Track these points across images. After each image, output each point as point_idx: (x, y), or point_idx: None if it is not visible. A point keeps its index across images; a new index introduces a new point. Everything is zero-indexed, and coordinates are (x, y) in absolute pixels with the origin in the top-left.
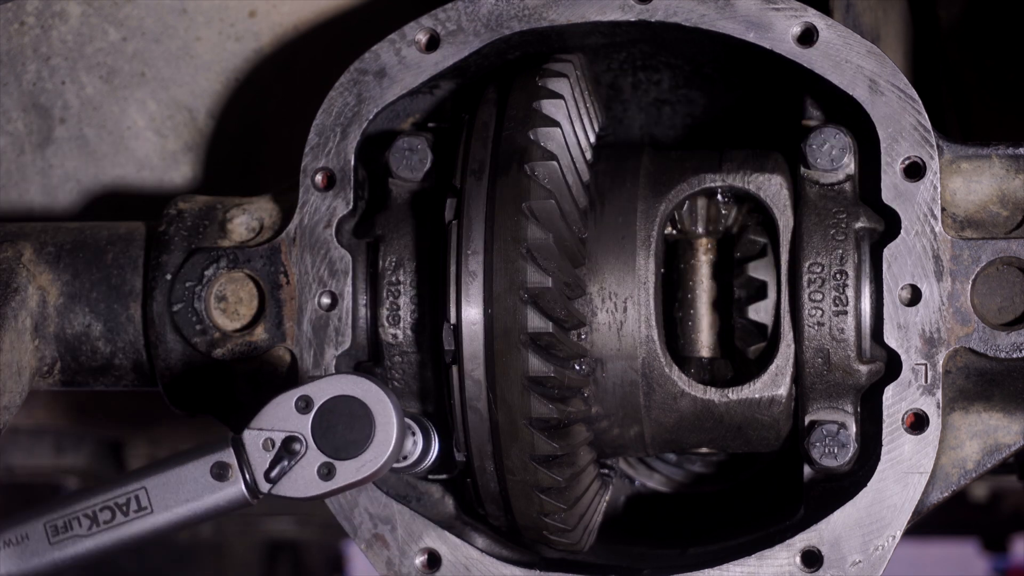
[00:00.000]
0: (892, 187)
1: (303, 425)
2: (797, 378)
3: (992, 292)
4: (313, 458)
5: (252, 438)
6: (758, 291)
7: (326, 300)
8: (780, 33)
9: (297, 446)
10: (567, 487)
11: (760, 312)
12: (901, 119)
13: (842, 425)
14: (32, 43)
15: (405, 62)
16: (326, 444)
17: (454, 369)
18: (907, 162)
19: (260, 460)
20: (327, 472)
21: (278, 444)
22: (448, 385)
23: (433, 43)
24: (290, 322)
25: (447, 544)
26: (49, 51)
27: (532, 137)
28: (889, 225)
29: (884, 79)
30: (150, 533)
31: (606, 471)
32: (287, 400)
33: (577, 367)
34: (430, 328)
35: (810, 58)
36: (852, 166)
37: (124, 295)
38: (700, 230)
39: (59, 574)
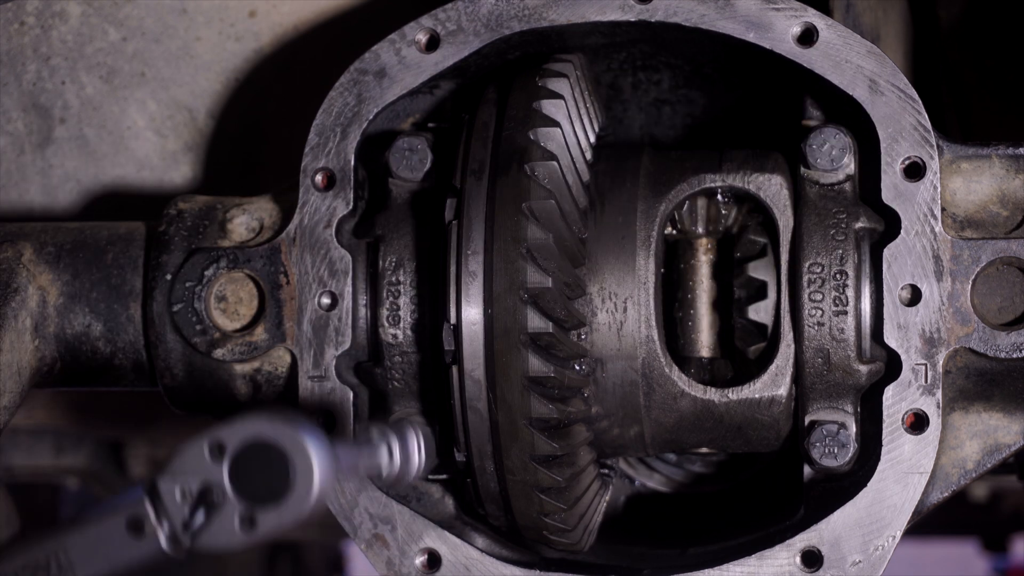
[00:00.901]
0: (892, 187)
1: (218, 473)
2: (797, 378)
3: (992, 292)
4: (231, 508)
5: (167, 487)
6: (758, 291)
7: (326, 300)
8: (780, 33)
9: (212, 497)
10: (567, 487)
11: (760, 312)
12: (901, 119)
13: (842, 425)
14: (32, 43)
15: (405, 62)
16: (244, 492)
17: (454, 369)
18: (907, 162)
19: (177, 512)
20: (250, 522)
21: (194, 495)
22: (448, 385)
23: (433, 43)
24: (290, 322)
25: (447, 544)
26: (49, 51)
27: (532, 137)
28: (889, 225)
29: (884, 79)
30: None
31: (606, 471)
32: (198, 447)
33: (577, 367)
34: (430, 328)
35: (810, 58)
36: (852, 166)
37: (124, 295)
38: (700, 230)
39: None
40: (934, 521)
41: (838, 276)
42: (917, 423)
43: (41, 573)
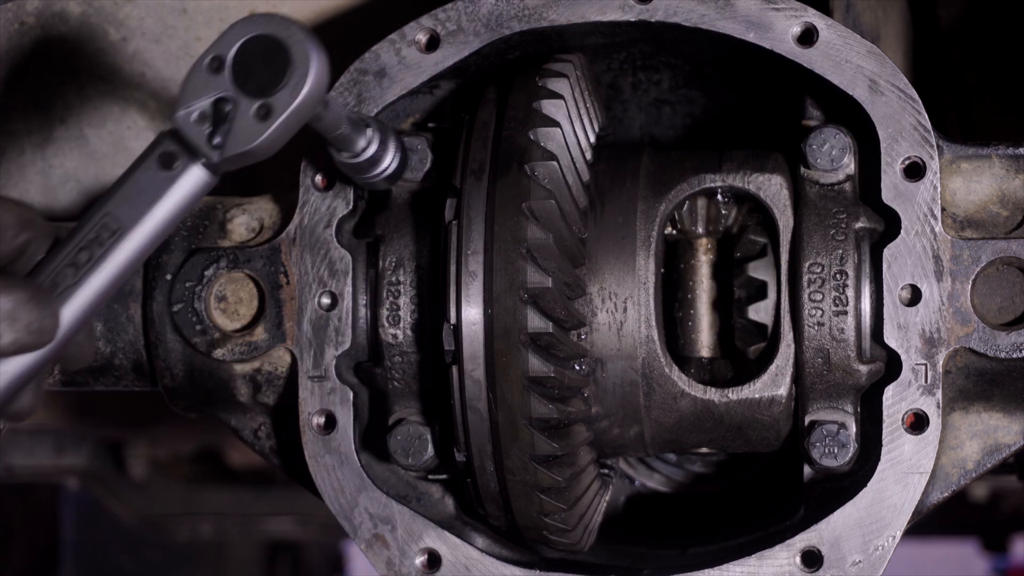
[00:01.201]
0: (892, 187)
1: (223, 83)
2: (797, 378)
3: (992, 292)
4: (246, 107)
5: (183, 119)
6: (758, 291)
7: (326, 300)
8: (780, 33)
9: (226, 105)
10: (567, 487)
11: (760, 312)
12: (901, 119)
13: (842, 425)
14: (32, 43)
15: (405, 62)
16: (251, 88)
17: (454, 369)
18: (907, 162)
19: (199, 135)
20: (265, 112)
21: (209, 112)
22: (448, 385)
23: (433, 43)
24: (290, 322)
25: (447, 544)
26: (49, 51)
27: (532, 137)
28: (889, 225)
29: (884, 79)
30: (137, 252)
31: (606, 471)
32: (198, 69)
33: (577, 367)
34: (430, 328)
35: (810, 58)
36: (852, 166)
37: (124, 295)
38: (700, 230)
39: (72, 332)
40: (934, 521)
41: (838, 276)
42: (917, 423)
43: (95, 246)
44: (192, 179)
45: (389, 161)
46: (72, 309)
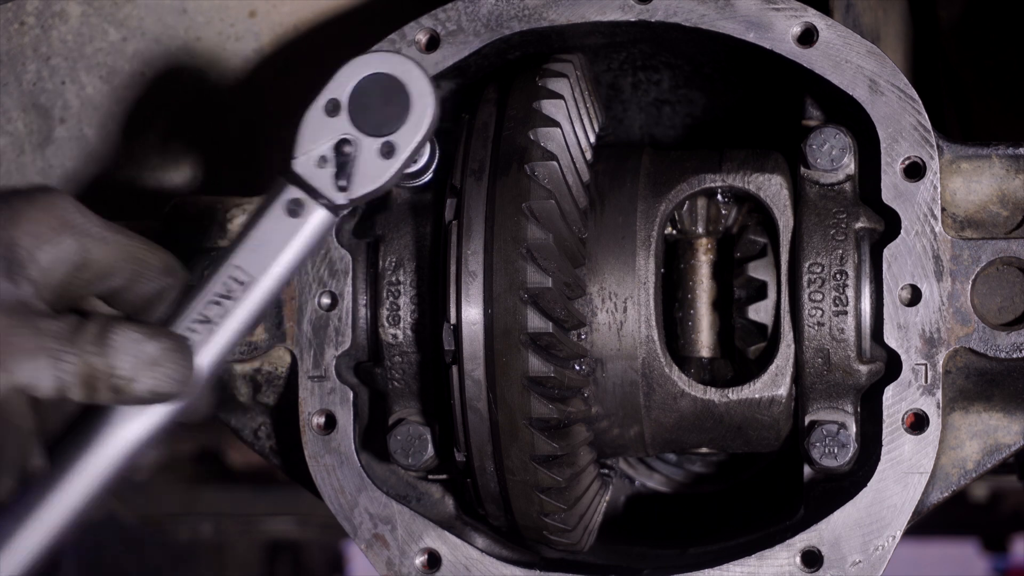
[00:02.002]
0: (892, 187)
1: (343, 125)
2: (797, 378)
3: (992, 292)
4: (368, 146)
5: (304, 164)
6: (758, 291)
7: (326, 300)
8: (780, 33)
9: (348, 147)
10: (567, 487)
11: (760, 312)
12: (901, 119)
13: (842, 425)
14: (32, 43)
15: None
16: (372, 128)
17: (454, 369)
18: (907, 162)
19: (324, 178)
20: (388, 150)
21: (330, 155)
22: (448, 385)
23: (433, 43)
24: (290, 322)
25: (447, 544)
26: (49, 51)
27: (532, 137)
28: (889, 225)
29: (884, 79)
30: (264, 302)
31: (606, 471)
32: (315, 112)
33: (577, 367)
34: (430, 328)
35: (810, 58)
36: (852, 166)
37: None
38: (700, 230)
39: (209, 377)
40: (934, 521)
41: (838, 276)
42: (917, 423)
43: (225, 300)
44: (316, 222)
45: (433, 163)
46: (202, 362)
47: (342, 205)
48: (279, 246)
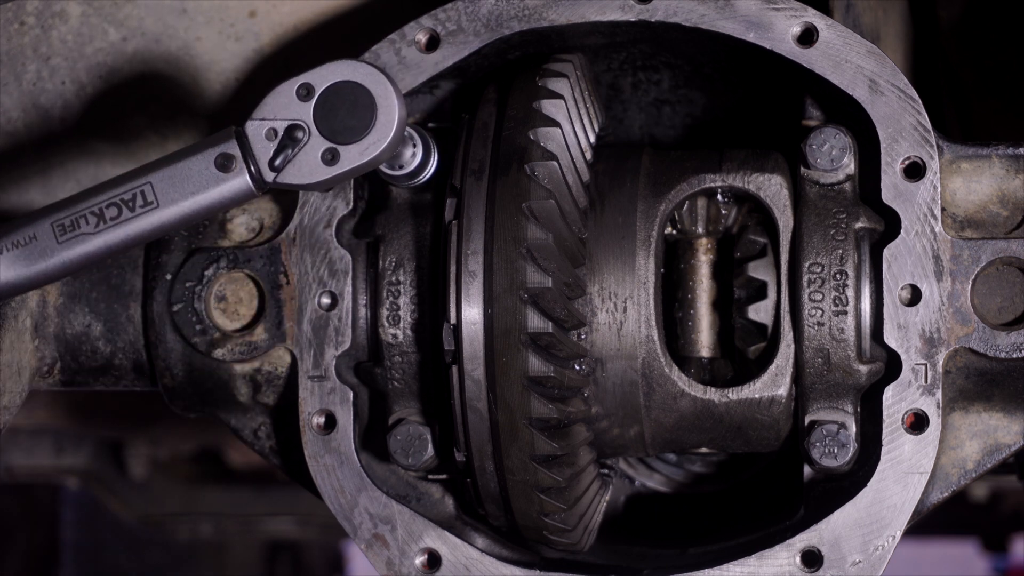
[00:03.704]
0: (892, 187)
1: (305, 112)
2: (797, 378)
3: (992, 292)
4: (316, 144)
5: (255, 129)
6: (758, 291)
7: (326, 300)
8: (780, 33)
9: (300, 133)
10: (567, 487)
11: (760, 312)
12: (901, 119)
13: (842, 425)
14: (32, 43)
15: (405, 62)
16: (329, 130)
17: (454, 369)
18: (907, 162)
19: (264, 150)
20: (331, 157)
21: (281, 133)
22: (448, 385)
23: (433, 43)
24: (290, 322)
25: (447, 544)
26: (49, 51)
27: (532, 137)
28: (889, 225)
29: (884, 79)
30: (157, 228)
31: (606, 471)
32: (288, 88)
33: (577, 367)
34: (430, 328)
35: (810, 58)
36: (852, 166)
37: (124, 295)
38: (700, 230)
39: (66, 274)
40: (934, 521)
41: (838, 276)
42: (917, 423)
43: (126, 207)
44: (237, 186)
45: (431, 163)
46: (78, 253)
47: (266, 183)
48: (194, 190)
